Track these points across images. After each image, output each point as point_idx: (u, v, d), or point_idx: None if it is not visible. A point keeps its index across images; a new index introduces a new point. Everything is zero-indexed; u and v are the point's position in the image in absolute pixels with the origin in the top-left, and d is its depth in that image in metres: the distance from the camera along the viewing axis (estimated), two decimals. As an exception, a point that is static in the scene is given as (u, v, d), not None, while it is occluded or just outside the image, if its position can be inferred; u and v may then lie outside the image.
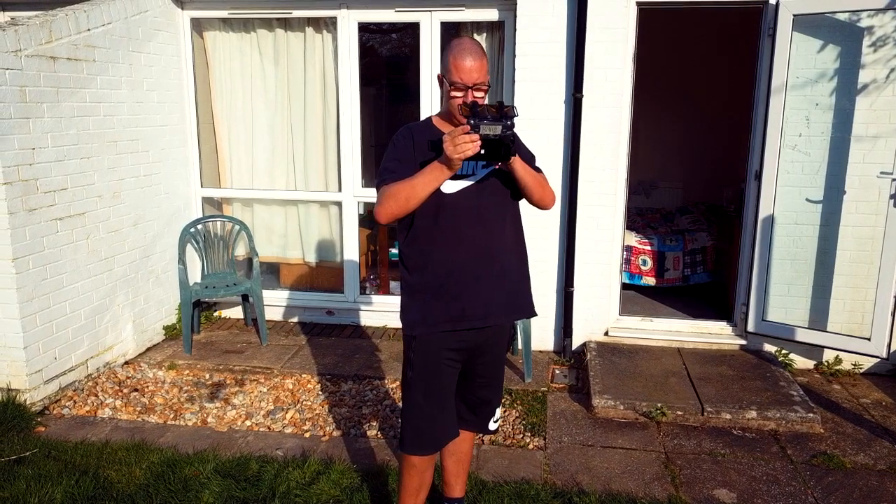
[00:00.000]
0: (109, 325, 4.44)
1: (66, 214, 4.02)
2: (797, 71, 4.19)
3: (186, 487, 3.05)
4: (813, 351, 4.51)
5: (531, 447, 3.53)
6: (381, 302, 5.29)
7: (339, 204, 5.20)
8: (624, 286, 5.01)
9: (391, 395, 4.12)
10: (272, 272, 5.59)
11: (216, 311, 5.47)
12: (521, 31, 4.43)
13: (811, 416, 3.70)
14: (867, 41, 4.08)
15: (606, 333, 4.75)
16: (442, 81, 2.32)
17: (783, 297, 4.45)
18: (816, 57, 4.18)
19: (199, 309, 5.03)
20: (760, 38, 4.32)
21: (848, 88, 4.16)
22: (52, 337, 3.97)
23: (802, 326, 4.39)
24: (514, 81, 4.51)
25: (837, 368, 4.47)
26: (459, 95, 2.24)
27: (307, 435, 3.66)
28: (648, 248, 5.78)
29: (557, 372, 4.48)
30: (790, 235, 4.40)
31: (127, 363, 4.58)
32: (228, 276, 5.05)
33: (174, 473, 3.16)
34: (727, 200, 6.02)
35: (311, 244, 5.41)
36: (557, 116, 4.50)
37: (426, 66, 4.81)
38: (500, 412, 2.68)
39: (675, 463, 3.40)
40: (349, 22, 4.85)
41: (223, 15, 5.00)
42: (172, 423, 3.79)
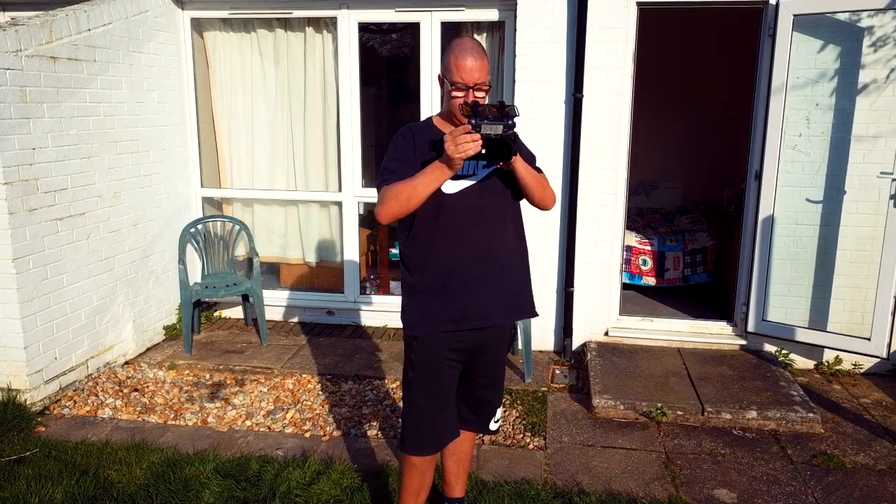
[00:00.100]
0: (110, 325, 4.45)
1: (66, 214, 4.02)
2: (797, 71, 4.19)
3: (187, 487, 3.06)
4: (813, 351, 4.51)
5: (531, 447, 3.53)
6: (381, 302, 5.29)
7: (339, 204, 5.20)
8: (624, 286, 5.01)
9: (391, 394, 4.12)
10: (272, 272, 5.59)
11: (216, 311, 5.47)
12: (521, 31, 4.43)
13: (811, 416, 3.71)
14: (867, 41, 4.08)
15: (607, 333, 4.75)
16: (443, 81, 2.32)
17: (783, 297, 4.46)
18: (817, 57, 4.19)
19: (199, 309, 5.03)
20: (760, 38, 4.32)
21: (848, 88, 4.16)
22: (52, 337, 3.97)
23: (802, 326, 4.39)
24: (514, 81, 4.51)
25: (837, 368, 4.47)
26: (460, 95, 2.24)
27: (307, 435, 3.66)
28: (648, 248, 5.78)
29: (558, 372, 4.48)
30: (790, 235, 4.40)
31: (127, 363, 4.58)
32: (229, 276, 5.05)
33: (174, 473, 3.16)
34: (727, 200, 6.03)
35: (311, 244, 5.41)
36: (557, 116, 4.50)
37: (426, 66, 4.81)
38: (500, 412, 2.68)
39: (675, 463, 3.40)
40: (349, 22, 4.85)
41: (223, 15, 5.00)
42: (173, 423, 3.79)
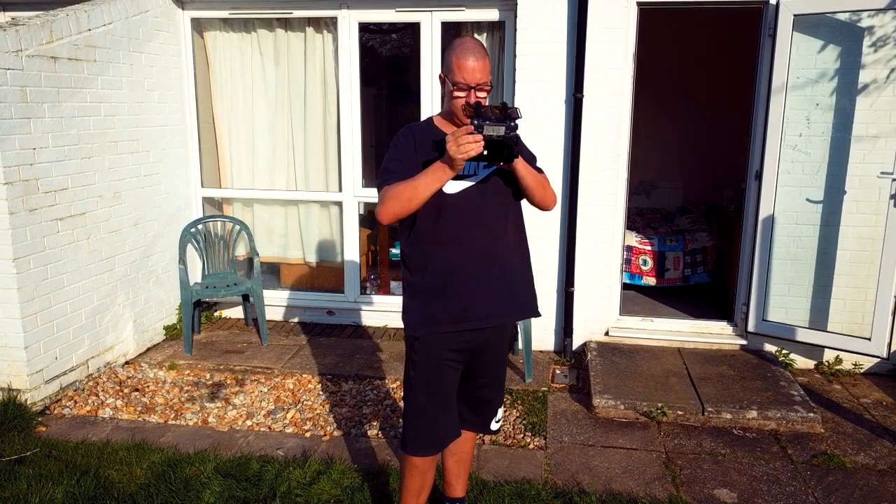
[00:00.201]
0: (110, 325, 4.45)
1: (66, 214, 4.02)
2: (797, 71, 4.19)
3: (187, 487, 3.06)
4: (813, 351, 4.51)
5: (532, 447, 3.54)
6: (381, 302, 5.29)
7: (339, 204, 5.20)
8: (624, 286, 5.01)
9: (392, 394, 4.12)
10: (273, 272, 5.59)
11: (217, 311, 5.47)
12: (521, 31, 4.43)
13: (812, 415, 3.71)
14: (867, 41, 4.08)
15: (607, 333, 4.75)
16: (444, 81, 2.31)
17: (783, 297, 4.46)
18: (817, 57, 4.19)
19: (199, 309, 5.03)
20: (761, 38, 4.32)
21: (848, 88, 4.16)
22: (52, 337, 3.97)
23: (803, 326, 4.39)
24: (514, 81, 4.52)
25: (838, 368, 4.48)
26: (462, 95, 2.23)
27: (308, 435, 3.66)
28: (649, 248, 5.78)
29: (558, 372, 4.48)
30: (790, 235, 4.40)
31: (127, 363, 4.58)
32: (229, 276, 5.05)
33: (175, 473, 3.16)
34: (727, 200, 6.03)
35: (311, 244, 5.41)
36: (558, 116, 4.50)
37: (427, 66, 4.81)
38: (501, 412, 2.68)
39: (675, 463, 3.40)
40: (350, 22, 4.85)
41: (224, 15, 5.00)
42: (173, 422, 3.79)
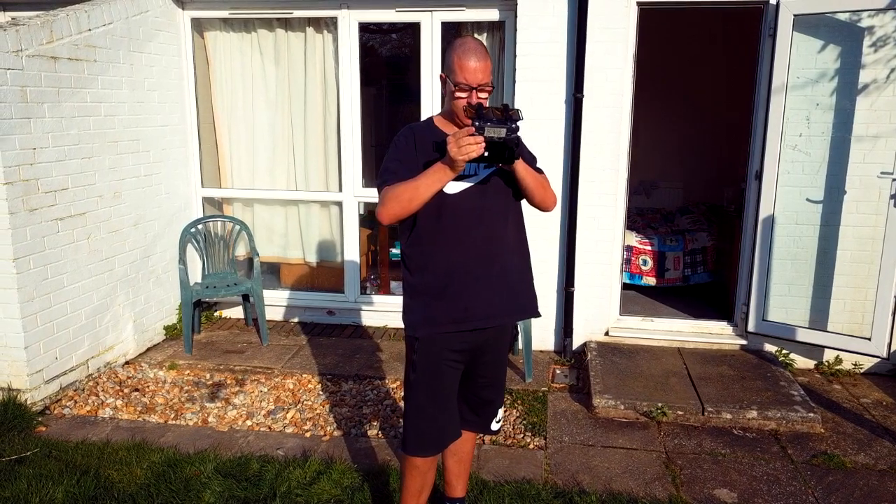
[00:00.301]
0: (110, 324, 4.45)
1: (66, 214, 4.02)
2: (798, 71, 4.19)
3: (187, 487, 3.06)
4: (813, 351, 4.51)
5: (532, 447, 3.54)
6: (381, 302, 5.29)
7: (339, 204, 5.20)
8: (624, 286, 5.01)
9: (392, 394, 4.12)
10: (273, 272, 5.59)
11: (217, 311, 5.48)
12: (521, 31, 4.43)
13: (812, 415, 3.71)
14: (867, 41, 4.08)
15: (607, 333, 4.75)
16: (445, 81, 2.30)
17: (783, 297, 4.46)
18: (817, 57, 4.19)
19: (199, 309, 5.03)
20: (761, 38, 4.32)
21: (848, 88, 4.16)
22: (52, 337, 3.97)
23: (803, 326, 4.39)
24: (514, 81, 4.52)
25: (838, 368, 4.48)
26: (464, 96, 2.23)
27: (308, 435, 3.66)
28: (649, 248, 5.78)
29: (558, 372, 4.48)
30: (791, 235, 4.40)
31: (127, 363, 4.58)
32: (229, 275, 5.05)
33: (175, 473, 3.16)
34: (727, 200, 6.03)
35: (311, 244, 5.41)
36: (558, 116, 4.50)
37: (427, 66, 4.81)
38: (502, 412, 2.68)
39: (675, 463, 3.40)
40: (350, 22, 4.85)
41: (224, 15, 5.00)
42: (173, 422, 3.79)
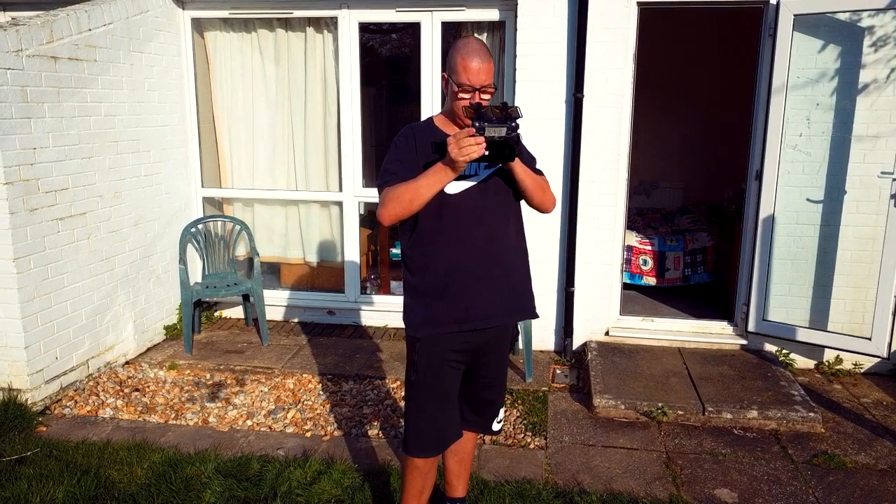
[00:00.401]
0: (110, 324, 4.45)
1: (67, 214, 4.02)
2: (798, 71, 4.19)
3: (188, 487, 3.06)
4: (814, 351, 4.51)
5: (532, 447, 3.54)
6: (382, 302, 5.29)
7: (339, 204, 5.20)
8: (625, 286, 5.01)
9: (392, 394, 4.12)
10: (273, 272, 5.59)
11: (217, 310, 5.47)
12: (521, 31, 4.43)
13: (812, 415, 3.71)
14: (868, 41, 4.08)
15: (607, 333, 4.75)
16: (447, 81, 2.29)
17: (784, 296, 4.46)
18: (817, 57, 4.19)
19: (199, 309, 5.03)
20: (761, 38, 4.32)
21: (848, 88, 4.16)
22: (53, 337, 3.97)
23: (803, 326, 4.39)
24: (514, 81, 4.51)
25: (838, 368, 4.48)
26: (467, 97, 2.22)
27: (308, 434, 3.66)
28: (649, 248, 5.78)
29: (558, 372, 4.48)
30: (791, 235, 4.40)
31: (128, 363, 4.58)
32: (229, 275, 5.05)
33: (175, 473, 3.16)
34: (728, 200, 6.03)
35: (311, 244, 5.41)
36: (558, 116, 4.50)
37: (427, 66, 4.81)
38: (503, 413, 2.68)
39: (676, 462, 3.40)
40: (350, 22, 4.85)
41: (224, 15, 5.00)
42: (174, 422, 3.79)
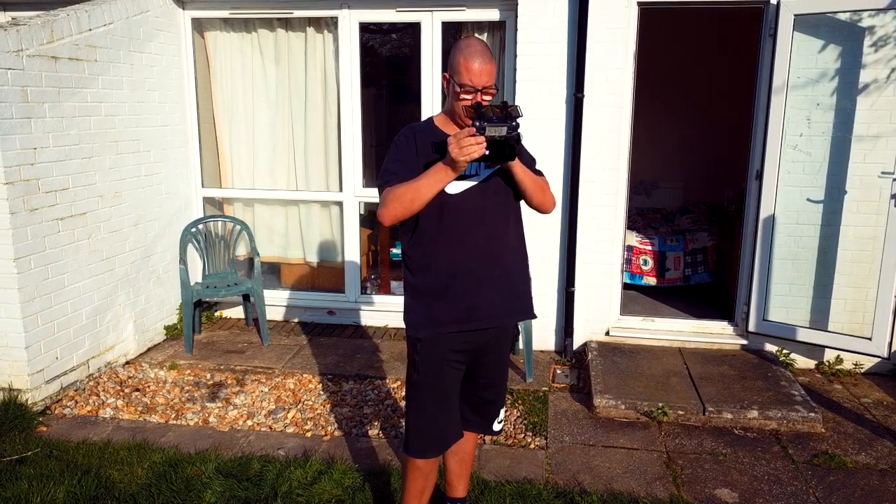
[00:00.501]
0: (111, 324, 4.45)
1: (67, 214, 4.02)
2: (798, 71, 4.19)
3: (188, 487, 3.06)
4: (814, 351, 4.51)
5: (533, 447, 3.54)
6: (382, 302, 5.29)
7: (339, 204, 5.20)
8: (625, 286, 5.01)
9: (393, 394, 4.12)
10: (273, 272, 5.59)
11: (217, 310, 5.47)
12: (521, 31, 4.43)
13: (812, 415, 3.71)
14: (868, 41, 4.08)
15: (607, 333, 4.75)
16: (448, 81, 2.28)
17: (784, 296, 4.46)
18: (817, 57, 4.19)
19: (200, 309, 5.03)
20: (761, 38, 4.32)
21: (849, 88, 4.16)
22: (53, 337, 3.97)
23: (803, 326, 4.39)
24: (514, 81, 4.51)
25: (838, 368, 4.48)
26: (468, 98, 2.21)
27: (309, 434, 3.66)
28: (649, 248, 5.78)
29: (559, 372, 4.48)
30: (791, 235, 4.40)
31: (128, 363, 4.58)
32: (229, 275, 5.05)
33: (176, 473, 3.16)
34: (728, 200, 6.02)
35: (312, 244, 5.41)
36: (558, 116, 4.50)
37: (427, 66, 4.81)
38: (503, 413, 2.68)
39: (676, 462, 3.40)
40: (350, 22, 4.85)
41: (224, 15, 5.00)
42: (174, 422, 3.79)
